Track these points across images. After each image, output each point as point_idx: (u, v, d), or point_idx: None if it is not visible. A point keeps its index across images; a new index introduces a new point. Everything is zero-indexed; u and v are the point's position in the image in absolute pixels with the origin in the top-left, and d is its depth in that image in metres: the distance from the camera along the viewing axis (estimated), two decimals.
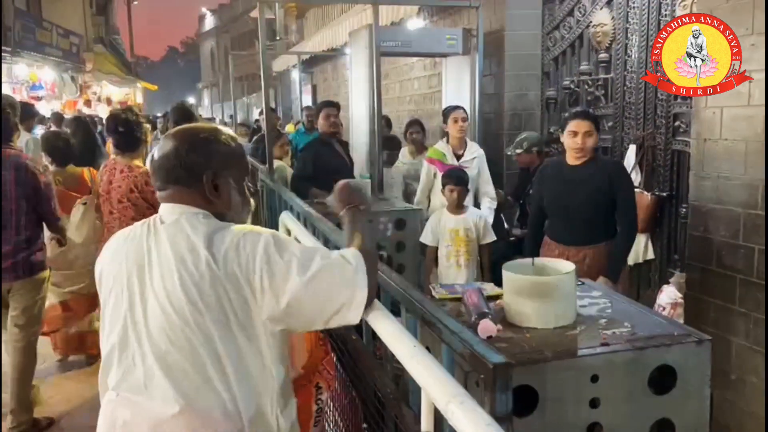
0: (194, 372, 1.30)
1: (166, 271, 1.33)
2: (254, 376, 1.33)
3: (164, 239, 1.36)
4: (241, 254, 1.31)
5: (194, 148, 1.42)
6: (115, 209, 3.20)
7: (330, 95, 12.21)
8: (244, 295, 1.30)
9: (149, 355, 1.33)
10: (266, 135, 4.69)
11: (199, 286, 1.30)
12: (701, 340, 1.58)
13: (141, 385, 1.33)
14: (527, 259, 1.94)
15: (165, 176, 1.42)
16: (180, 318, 1.31)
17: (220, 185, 1.42)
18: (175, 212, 1.40)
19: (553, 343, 1.59)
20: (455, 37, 5.31)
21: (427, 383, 1.06)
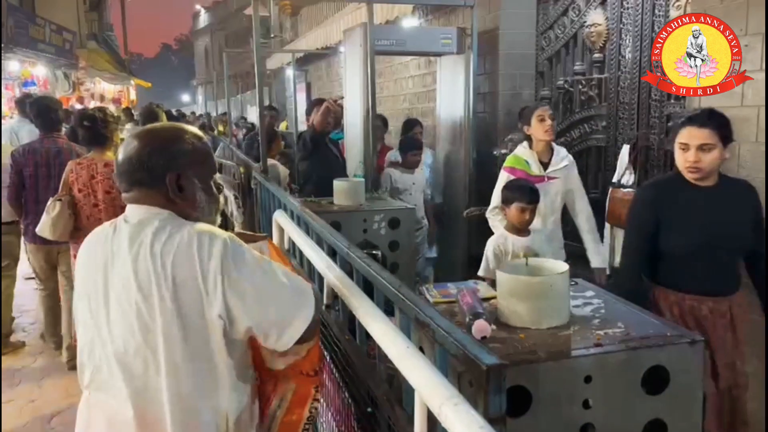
0: (150, 371, 1.33)
1: (124, 273, 1.34)
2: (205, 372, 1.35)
3: (125, 240, 1.37)
4: (197, 252, 1.31)
5: (156, 148, 1.41)
6: (101, 201, 3.44)
7: (324, 93, 12.17)
8: (198, 292, 1.31)
9: (111, 356, 1.36)
10: (260, 133, 4.66)
11: (152, 285, 1.31)
12: (694, 340, 1.58)
13: (105, 385, 1.37)
14: (521, 260, 1.94)
15: (128, 178, 1.42)
16: (137, 319, 1.32)
17: (185, 185, 1.42)
18: (138, 213, 1.40)
19: (547, 343, 1.59)
20: (450, 36, 5.30)
21: (420, 385, 1.05)
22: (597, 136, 4.63)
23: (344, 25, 7.31)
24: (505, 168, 3.54)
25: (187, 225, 1.37)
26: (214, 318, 1.32)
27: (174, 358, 1.32)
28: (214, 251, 1.31)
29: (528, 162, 3.47)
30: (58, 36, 14.56)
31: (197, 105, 33.25)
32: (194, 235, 1.33)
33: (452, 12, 6.10)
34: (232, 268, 1.31)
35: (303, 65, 13.03)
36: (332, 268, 1.83)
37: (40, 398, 3.70)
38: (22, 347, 4.46)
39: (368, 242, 3.43)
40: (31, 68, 13.11)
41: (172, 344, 1.31)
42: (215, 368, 1.36)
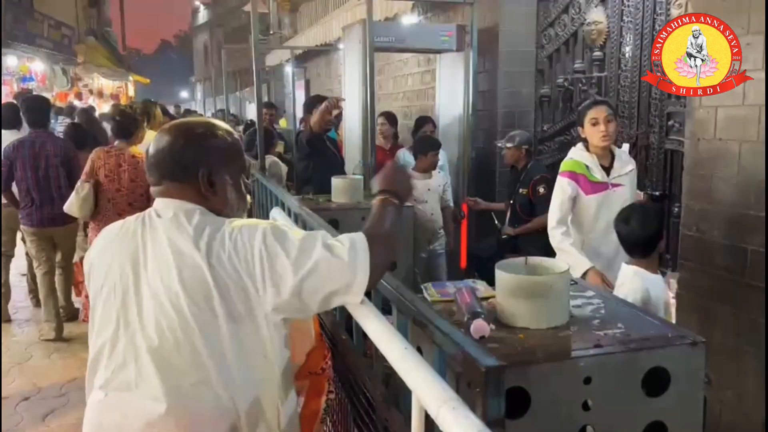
0: (190, 367, 1.28)
1: (163, 267, 1.31)
2: (254, 369, 1.32)
3: (161, 234, 1.34)
4: (239, 248, 1.29)
5: (189, 143, 1.40)
6: (124, 187, 3.83)
7: (323, 90, 12.14)
8: (245, 288, 1.29)
9: (143, 351, 1.30)
10: (258, 130, 4.64)
11: (198, 281, 1.28)
12: (695, 342, 1.56)
13: (131, 383, 1.30)
14: (520, 258, 1.91)
15: (160, 171, 1.40)
16: (177, 313, 1.28)
17: (216, 181, 1.40)
18: (171, 207, 1.38)
19: (546, 344, 1.57)
20: (449, 33, 5.28)
21: (417, 387, 1.03)
22: None
23: (343, 21, 7.28)
24: (563, 174, 3.07)
25: (226, 220, 1.36)
26: (263, 314, 1.31)
27: (225, 358, 1.28)
28: (256, 243, 1.30)
29: (588, 166, 3.04)
30: (57, 31, 14.52)
31: (196, 101, 33.19)
32: (235, 229, 1.32)
33: (452, 9, 6.07)
34: (281, 254, 1.30)
35: (302, 62, 13.00)
36: None
37: (34, 396, 3.68)
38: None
39: None
40: (29, 63, 13.07)
41: (222, 343, 1.28)
42: (266, 368, 1.34)
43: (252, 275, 1.29)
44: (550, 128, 5.12)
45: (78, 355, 4.10)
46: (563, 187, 3.01)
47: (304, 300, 1.32)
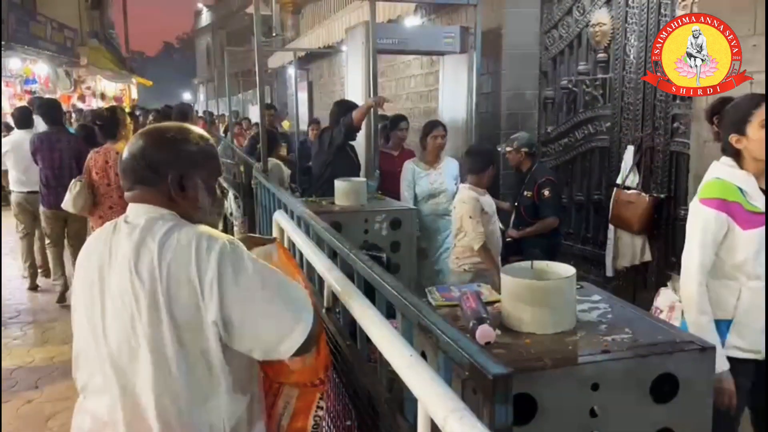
0: (141, 375, 1.30)
1: (122, 273, 1.31)
2: (198, 380, 1.31)
3: (123, 240, 1.34)
4: (195, 255, 1.28)
5: (160, 147, 1.39)
6: (113, 182, 4.05)
7: (326, 93, 12.15)
8: (194, 296, 1.28)
9: (106, 359, 1.33)
10: (261, 132, 4.62)
11: (149, 285, 1.27)
12: (704, 347, 1.54)
13: (101, 390, 1.35)
14: (526, 262, 1.89)
15: (132, 176, 1.40)
16: (129, 321, 1.29)
17: (187, 185, 1.39)
18: (139, 212, 1.37)
19: (553, 349, 1.55)
20: (453, 35, 5.27)
21: (424, 396, 1.01)
22: (601, 137, 4.60)
23: (346, 23, 7.28)
24: (707, 202, 2.13)
25: (188, 226, 1.34)
26: (209, 323, 1.28)
27: (168, 363, 1.28)
28: (212, 255, 1.28)
29: (743, 190, 2.12)
30: (60, 33, 14.54)
31: (198, 103, 33.22)
32: (194, 237, 1.30)
33: (455, 11, 6.06)
34: (230, 275, 1.28)
35: (305, 64, 13.00)
36: (333, 270, 1.79)
37: (37, 399, 3.66)
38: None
39: (372, 243, 3.39)
40: (32, 66, 13.08)
41: (166, 349, 1.28)
42: (211, 375, 1.32)
43: (201, 285, 1.27)
44: (554, 130, 5.10)
45: None
46: (707, 222, 2.11)
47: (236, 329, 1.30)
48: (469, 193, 3.52)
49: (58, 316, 5.01)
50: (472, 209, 3.45)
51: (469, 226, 3.44)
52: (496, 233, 3.64)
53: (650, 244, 4.04)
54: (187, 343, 1.29)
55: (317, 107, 13.61)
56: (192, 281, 1.27)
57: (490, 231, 3.54)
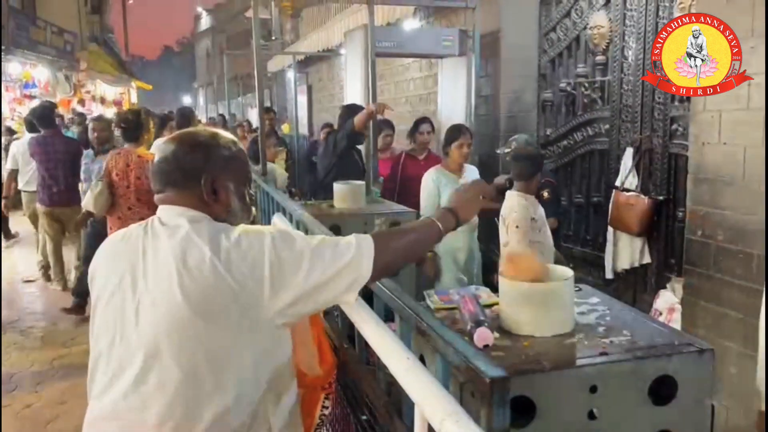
0: (186, 376, 1.27)
1: (164, 274, 1.30)
2: (248, 378, 1.30)
3: (164, 240, 1.33)
4: (247, 254, 1.29)
5: (193, 151, 1.41)
6: (132, 184, 4.15)
7: (325, 96, 12.16)
8: (253, 294, 1.28)
9: (138, 359, 1.29)
10: (259, 135, 4.63)
11: (200, 285, 1.27)
12: (703, 349, 1.54)
13: (127, 392, 1.29)
14: None
15: (163, 178, 1.41)
16: (175, 317, 1.27)
17: (219, 189, 1.41)
18: (174, 214, 1.38)
19: (551, 352, 1.55)
20: (451, 38, 5.28)
21: (421, 399, 1.01)
22: (600, 139, 4.60)
23: (345, 27, 7.29)
24: None
25: (230, 227, 1.36)
26: (270, 316, 1.30)
27: (220, 363, 1.27)
28: (266, 247, 1.30)
29: None
30: (59, 38, 14.56)
31: (198, 107, 33.24)
32: (244, 235, 1.32)
33: (454, 14, 6.07)
34: (289, 260, 1.30)
35: (304, 67, 13.02)
36: None
37: (36, 403, 3.66)
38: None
39: None
40: (31, 70, 13.09)
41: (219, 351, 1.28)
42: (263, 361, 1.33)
43: (260, 280, 1.28)
44: (553, 133, 5.11)
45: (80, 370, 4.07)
46: None
47: (309, 302, 1.33)
48: (519, 201, 3.19)
49: (57, 320, 5.00)
50: (520, 218, 3.15)
51: (514, 236, 3.16)
52: (547, 242, 3.27)
53: (650, 246, 4.03)
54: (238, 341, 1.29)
55: (317, 110, 13.62)
56: (248, 281, 1.27)
57: (539, 241, 3.20)
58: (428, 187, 3.80)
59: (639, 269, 4.12)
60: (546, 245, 3.24)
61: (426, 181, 3.84)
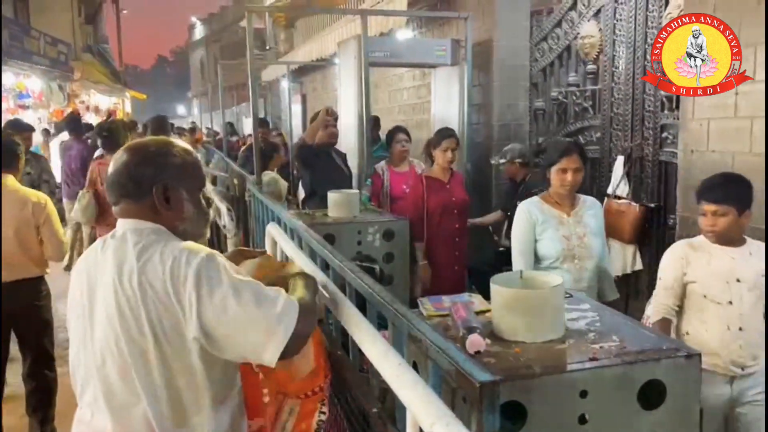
0: (126, 387, 1.32)
1: (107, 288, 1.34)
2: (181, 391, 1.33)
3: (110, 254, 1.37)
4: (174, 271, 1.30)
5: (144, 161, 1.42)
6: None
7: (320, 105, 12.18)
8: (175, 312, 1.29)
9: (93, 372, 1.35)
10: (254, 145, 4.65)
11: (131, 302, 1.30)
12: (691, 354, 1.56)
13: (92, 404, 1.37)
14: (515, 272, 1.91)
15: (117, 191, 1.42)
16: (114, 334, 1.31)
17: (172, 197, 1.42)
18: (122, 227, 1.41)
19: (542, 357, 1.57)
20: (444, 47, 5.32)
21: (412, 403, 1.03)
22: (591, 147, 4.64)
23: (339, 37, 7.34)
24: None
25: (170, 241, 1.36)
26: (191, 339, 1.30)
27: (152, 379, 1.30)
28: (190, 272, 1.29)
29: None
30: (53, 48, 14.55)
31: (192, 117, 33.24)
32: (173, 254, 1.32)
33: (446, 23, 6.12)
34: (206, 290, 1.29)
35: (298, 77, 13.05)
36: (325, 281, 1.81)
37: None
38: None
39: (365, 255, 3.40)
40: (25, 80, 13.08)
41: (150, 364, 1.30)
42: (195, 390, 1.34)
43: (180, 300, 1.29)
44: (545, 141, 5.15)
45: None
46: None
47: (219, 342, 1.32)
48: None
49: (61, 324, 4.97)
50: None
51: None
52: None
53: (641, 253, 4.07)
54: (169, 359, 1.30)
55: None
56: (171, 298, 1.29)
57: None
58: (521, 228, 2.78)
59: (631, 276, 4.15)
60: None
61: (519, 219, 2.80)
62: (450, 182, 4.00)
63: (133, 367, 1.30)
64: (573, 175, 2.69)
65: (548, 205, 2.76)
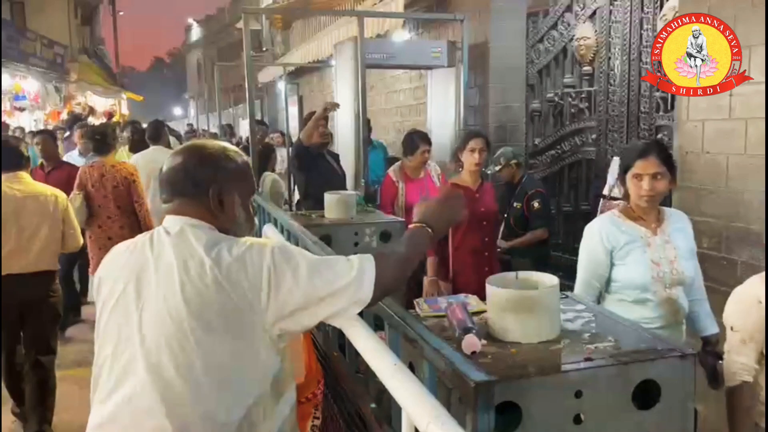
0: (185, 382, 1.30)
1: (166, 279, 1.34)
2: (248, 384, 1.34)
3: (168, 248, 1.38)
4: (247, 265, 1.33)
5: (202, 162, 1.46)
6: (110, 193, 4.32)
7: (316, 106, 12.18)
8: (249, 303, 1.32)
9: (141, 365, 1.32)
10: (251, 147, 4.66)
11: (201, 294, 1.31)
12: (685, 354, 1.57)
13: (131, 397, 1.32)
14: (511, 273, 1.92)
15: (172, 189, 1.46)
16: (177, 327, 1.31)
17: (225, 200, 1.45)
18: (178, 223, 1.42)
19: (538, 358, 1.57)
20: (440, 49, 5.33)
21: (407, 403, 1.04)
22: (587, 148, 4.66)
23: (335, 38, 7.34)
24: None
25: (233, 237, 1.41)
26: (265, 329, 1.33)
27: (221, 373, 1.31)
28: (264, 260, 1.34)
29: None
30: (50, 50, 14.55)
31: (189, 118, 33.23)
32: (242, 247, 1.36)
33: (443, 25, 6.14)
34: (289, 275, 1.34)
35: (295, 78, 13.06)
36: None
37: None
38: None
39: None
40: (22, 82, 13.06)
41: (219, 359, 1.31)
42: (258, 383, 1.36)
43: (257, 290, 1.32)
44: (541, 142, 5.16)
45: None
46: None
47: (305, 316, 1.35)
48: None
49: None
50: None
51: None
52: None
53: None
54: (238, 349, 1.33)
55: None
56: (246, 291, 1.31)
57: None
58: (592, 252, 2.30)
59: None
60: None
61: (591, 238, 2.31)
62: (479, 191, 3.58)
63: (199, 362, 1.30)
64: (650, 181, 2.18)
65: (630, 221, 2.25)
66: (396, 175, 4.25)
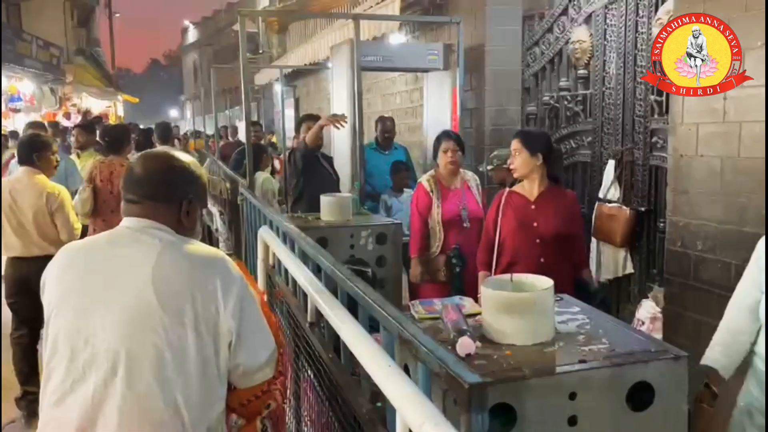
0: (154, 377, 1.34)
1: (138, 279, 1.37)
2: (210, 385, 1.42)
3: (137, 248, 1.41)
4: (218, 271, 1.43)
5: (182, 173, 1.53)
6: (116, 190, 4.38)
7: (313, 109, 12.19)
8: (216, 308, 1.40)
9: (105, 361, 1.34)
10: (247, 149, 4.66)
11: (178, 295, 1.36)
12: (678, 356, 1.58)
13: (91, 396, 1.35)
14: (506, 275, 1.93)
15: (145, 190, 1.48)
16: (147, 324, 1.34)
17: (191, 212, 1.53)
18: (145, 225, 1.46)
19: (532, 360, 1.58)
20: (436, 52, 5.35)
21: (401, 405, 1.04)
22: (583, 151, 4.67)
23: (332, 41, 7.35)
24: None
25: (198, 243, 1.50)
26: (225, 331, 1.42)
27: (188, 367, 1.36)
28: (236, 275, 1.46)
29: None
30: (45, 51, 14.51)
31: (185, 120, 33.19)
32: (215, 255, 1.47)
33: (439, 28, 6.15)
34: (248, 297, 1.46)
35: (291, 81, 13.07)
36: (316, 285, 1.82)
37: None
38: None
39: (358, 258, 3.41)
40: (17, 83, 13.03)
41: (187, 353, 1.36)
42: (219, 380, 1.44)
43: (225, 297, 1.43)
44: None
45: None
46: None
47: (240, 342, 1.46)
48: None
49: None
50: None
51: None
52: None
53: (632, 257, 4.10)
54: (205, 348, 1.39)
55: None
56: (216, 292, 1.39)
57: None
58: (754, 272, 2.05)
59: (622, 279, 4.18)
60: None
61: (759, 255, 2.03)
62: (537, 202, 3.10)
63: (168, 355, 1.34)
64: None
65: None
66: (429, 184, 3.80)
